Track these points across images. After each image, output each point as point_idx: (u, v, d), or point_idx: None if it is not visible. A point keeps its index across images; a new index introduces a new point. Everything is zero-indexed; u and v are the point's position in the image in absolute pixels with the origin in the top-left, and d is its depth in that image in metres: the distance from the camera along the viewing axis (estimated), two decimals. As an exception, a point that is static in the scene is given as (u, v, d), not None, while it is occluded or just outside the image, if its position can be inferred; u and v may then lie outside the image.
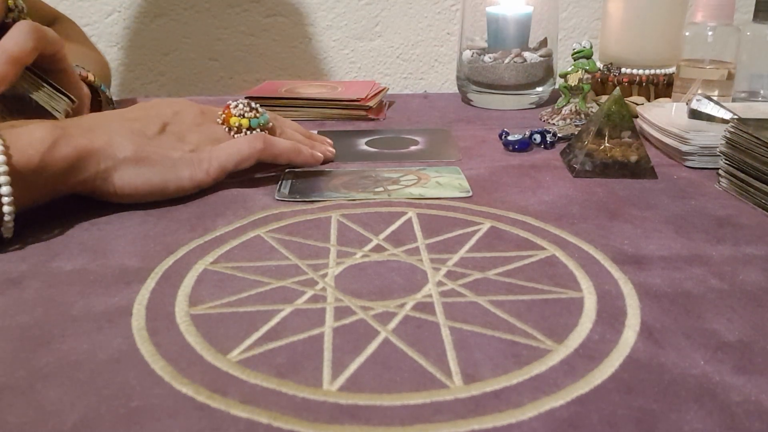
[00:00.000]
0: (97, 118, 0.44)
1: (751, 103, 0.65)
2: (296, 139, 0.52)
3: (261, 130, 0.48)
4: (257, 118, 0.48)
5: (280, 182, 0.48)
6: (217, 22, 0.89)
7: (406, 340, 0.29)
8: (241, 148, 0.46)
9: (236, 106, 0.48)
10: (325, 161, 0.53)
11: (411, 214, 0.43)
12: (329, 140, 0.56)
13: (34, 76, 0.44)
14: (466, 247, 0.38)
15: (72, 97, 0.46)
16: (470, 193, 0.46)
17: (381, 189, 0.47)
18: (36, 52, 0.43)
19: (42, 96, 0.44)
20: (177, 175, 0.43)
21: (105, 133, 0.41)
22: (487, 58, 0.71)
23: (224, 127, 0.48)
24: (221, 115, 0.48)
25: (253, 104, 0.49)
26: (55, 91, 0.45)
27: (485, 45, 0.73)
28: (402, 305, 0.32)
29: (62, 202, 0.43)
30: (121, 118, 0.44)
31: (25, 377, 0.26)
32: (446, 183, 0.48)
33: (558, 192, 0.47)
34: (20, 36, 0.42)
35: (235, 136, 0.48)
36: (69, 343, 0.29)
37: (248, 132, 0.48)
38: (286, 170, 0.51)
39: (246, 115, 0.48)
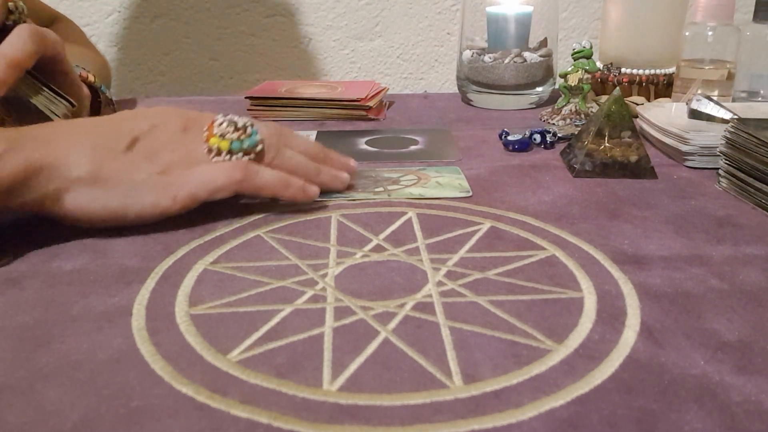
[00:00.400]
0: (61, 127, 0.40)
1: (751, 103, 0.65)
2: (294, 163, 0.44)
3: (245, 155, 0.41)
4: (241, 141, 0.41)
5: None
6: (218, 21, 0.89)
7: (406, 340, 0.29)
8: (216, 177, 0.40)
9: (220, 123, 0.41)
10: (333, 190, 0.46)
11: (411, 214, 0.43)
12: (352, 163, 0.48)
13: (34, 79, 0.44)
14: (466, 247, 0.38)
15: (72, 100, 0.46)
16: (470, 193, 0.46)
17: (381, 189, 0.47)
18: (36, 56, 0.42)
19: (41, 100, 0.44)
20: (138, 201, 0.38)
21: (62, 147, 0.37)
22: (487, 58, 0.71)
23: (205, 146, 0.41)
24: (205, 131, 0.42)
25: (241, 123, 0.41)
26: (54, 95, 0.45)
27: (485, 45, 0.73)
28: (402, 305, 0.32)
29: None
30: (88, 130, 0.40)
31: (25, 377, 0.26)
32: (446, 183, 0.48)
33: (558, 192, 0.47)
34: (20, 40, 0.41)
35: (214, 159, 0.41)
36: (69, 343, 0.29)
37: (228, 157, 0.41)
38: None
39: (227, 136, 0.40)
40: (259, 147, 0.42)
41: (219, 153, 0.41)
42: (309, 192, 0.43)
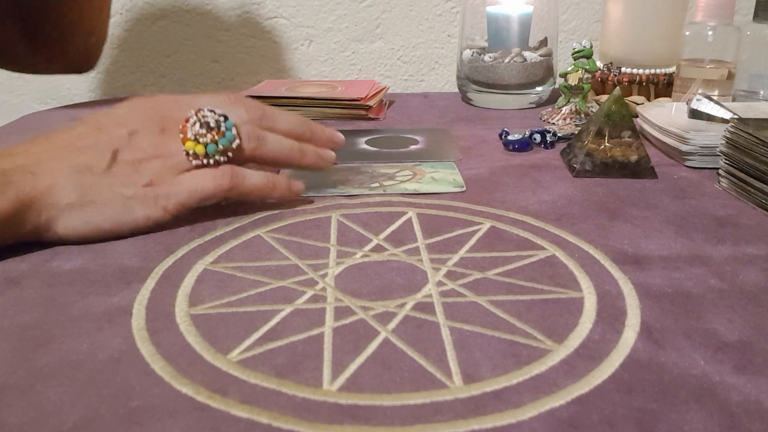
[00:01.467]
0: (43, 152, 0.38)
1: (751, 102, 0.65)
2: (278, 150, 0.43)
3: (222, 155, 0.40)
4: (215, 143, 0.40)
5: None
6: (219, 24, 0.89)
7: (406, 340, 0.29)
8: (204, 186, 0.40)
9: (193, 123, 0.40)
10: (320, 169, 0.46)
11: (411, 213, 0.43)
12: (338, 136, 0.47)
13: None
14: (466, 247, 0.38)
15: None
16: (464, 188, 0.47)
17: (377, 185, 0.48)
18: None
19: None
20: (130, 216, 0.39)
21: (47, 176, 0.37)
22: (487, 57, 0.71)
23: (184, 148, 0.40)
24: (180, 132, 0.40)
25: (213, 120, 0.40)
26: None
27: (485, 45, 0.73)
28: (402, 305, 0.32)
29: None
30: (69, 149, 0.39)
31: (25, 377, 0.26)
32: (441, 178, 0.49)
33: (558, 192, 0.47)
34: None
35: (194, 162, 0.40)
36: (69, 343, 0.29)
37: (206, 160, 0.40)
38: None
39: (201, 140, 0.39)
40: (236, 143, 0.41)
41: (197, 156, 0.40)
42: (295, 189, 0.44)
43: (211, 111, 0.40)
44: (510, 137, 0.57)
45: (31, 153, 0.38)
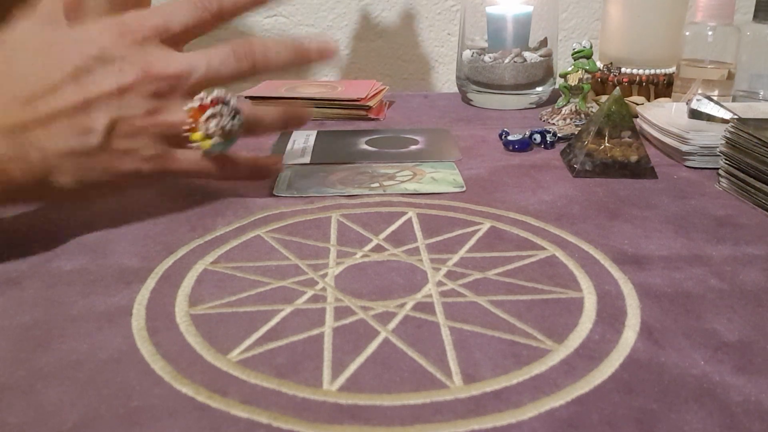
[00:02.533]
0: (20, 111, 0.35)
1: (751, 102, 0.65)
2: (271, 124, 0.44)
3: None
4: (224, 143, 0.39)
5: (278, 178, 0.49)
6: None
7: (406, 340, 0.29)
8: (210, 173, 0.41)
9: (208, 118, 0.38)
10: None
11: (411, 213, 0.43)
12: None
13: None
14: (466, 247, 0.38)
15: None
16: (464, 188, 0.47)
17: (377, 185, 0.48)
18: None
19: None
20: (129, 188, 0.39)
21: (41, 161, 0.35)
22: (487, 57, 0.71)
23: (184, 111, 0.38)
24: (189, 112, 0.38)
25: (230, 124, 0.39)
26: None
27: (485, 45, 0.73)
28: (402, 305, 0.32)
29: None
30: (58, 113, 0.35)
31: (25, 377, 0.26)
32: (441, 179, 0.49)
33: (558, 192, 0.47)
34: None
35: (191, 145, 0.40)
36: (69, 343, 0.29)
37: (203, 152, 0.40)
38: (284, 166, 0.51)
39: (213, 139, 0.39)
40: (237, 138, 0.40)
41: (198, 147, 0.39)
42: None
43: (226, 104, 0.39)
44: (510, 137, 0.57)
45: (11, 113, 0.35)
